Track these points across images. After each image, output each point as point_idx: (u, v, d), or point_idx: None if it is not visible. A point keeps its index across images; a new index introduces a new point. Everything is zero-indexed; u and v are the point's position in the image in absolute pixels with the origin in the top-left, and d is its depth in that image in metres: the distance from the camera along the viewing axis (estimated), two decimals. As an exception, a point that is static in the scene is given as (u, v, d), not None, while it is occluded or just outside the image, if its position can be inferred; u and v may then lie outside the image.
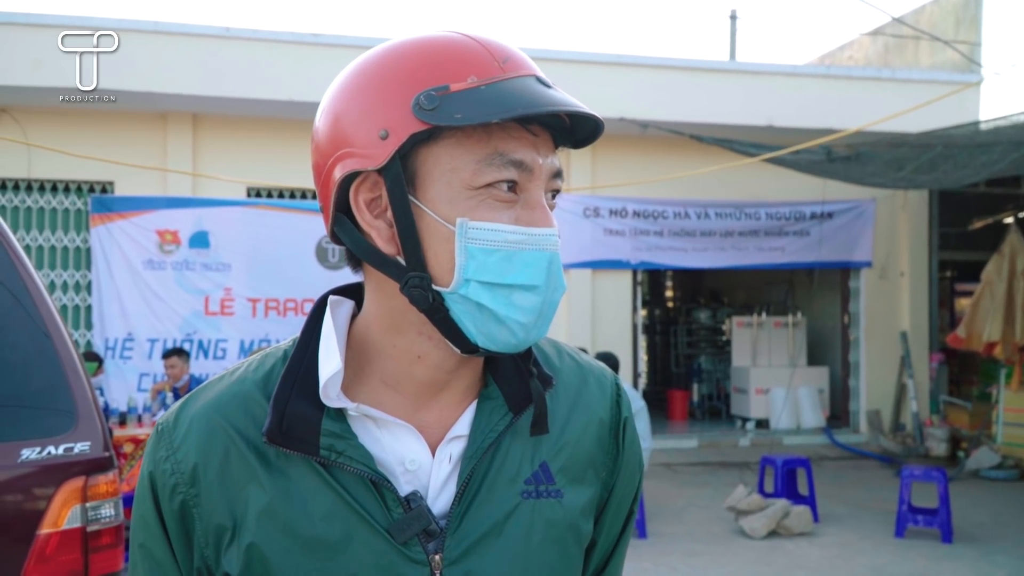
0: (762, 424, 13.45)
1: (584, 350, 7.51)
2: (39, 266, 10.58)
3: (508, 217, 1.00)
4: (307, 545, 1.03)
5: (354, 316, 1.13)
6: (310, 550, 1.02)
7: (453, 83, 0.97)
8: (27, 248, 10.47)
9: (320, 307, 1.12)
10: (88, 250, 10.63)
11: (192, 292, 10.49)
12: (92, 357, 8.70)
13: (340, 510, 1.03)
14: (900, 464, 10.71)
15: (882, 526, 8.15)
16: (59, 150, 9.38)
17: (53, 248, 10.76)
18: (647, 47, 80.00)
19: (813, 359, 14.39)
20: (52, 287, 10.64)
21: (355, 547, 1.02)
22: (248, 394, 1.09)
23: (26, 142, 9.63)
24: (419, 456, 1.07)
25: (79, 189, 10.86)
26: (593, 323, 11.96)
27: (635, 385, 12.41)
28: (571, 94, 1.04)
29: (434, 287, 1.00)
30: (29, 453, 2.68)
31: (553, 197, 1.05)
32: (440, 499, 1.07)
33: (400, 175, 1.00)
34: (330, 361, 1.04)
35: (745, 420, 13.73)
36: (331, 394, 1.04)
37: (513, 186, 1.00)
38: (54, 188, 10.78)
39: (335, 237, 1.09)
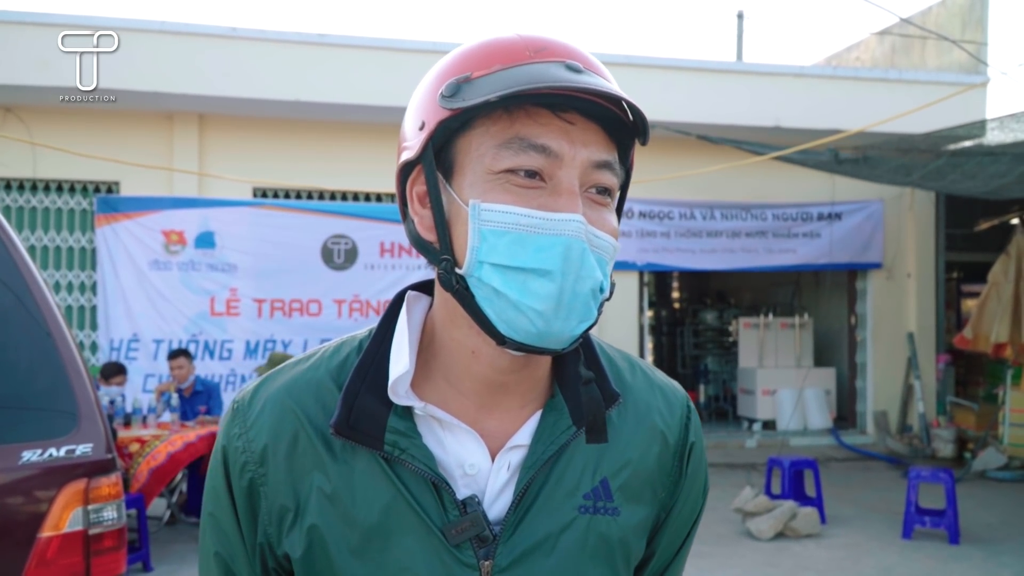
0: (769, 425, 13.41)
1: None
2: (44, 266, 10.58)
3: (532, 202, 0.99)
4: (364, 535, 1.05)
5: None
6: (367, 540, 1.05)
7: (476, 71, 1.00)
8: (32, 248, 10.48)
9: (398, 302, 1.15)
10: (93, 250, 10.63)
11: (198, 293, 10.48)
12: (117, 369, 8.68)
13: (398, 505, 1.05)
14: (907, 465, 10.67)
15: (889, 527, 8.12)
16: (65, 149, 9.39)
17: (58, 248, 10.76)
18: (654, 47, 79.98)
19: (820, 360, 14.36)
20: (57, 287, 10.64)
21: (409, 543, 1.05)
22: (321, 382, 1.11)
23: (31, 141, 9.64)
24: (479, 461, 1.08)
25: (84, 189, 10.86)
26: (600, 324, 11.80)
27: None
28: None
29: (456, 271, 1.01)
30: (30, 455, 2.67)
31: (599, 192, 1.03)
32: (496, 506, 1.08)
33: (432, 162, 1.03)
34: (400, 359, 1.07)
35: (752, 421, 13.70)
36: (399, 391, 1.06)
37: (537, 173, 0.99)
38: (59, 188, 10.79)
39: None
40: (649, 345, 15.88)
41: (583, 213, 0.99)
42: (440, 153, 1.03)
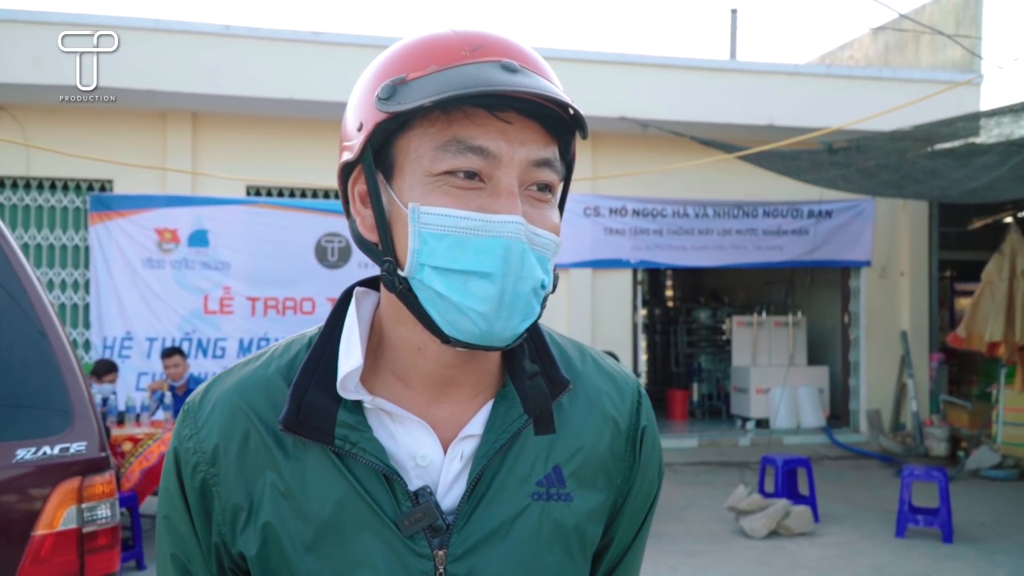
0: (762, 424, 13.43)
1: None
2: (37, 264, 10.55)
3: (471, 204, 0.99)
4: (318, 530, 1.05)
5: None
6: (321, 535, 1.05)
7: (411, 72, 1.00)
8: (25, 247, 10.45)
9: (346, 297, 1.15)
10: (87, 249, 10.61)
11: (191, 291, 10.48)
12: (109, 367, 8.66)
13: (351, 499, 1.05)
14: (900, 464, 10.70)
15: (883, 526, 8.14)
16: (57, 151, 9.36)
17: (52, 246, 10.73)
18: (647, 46, 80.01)
19: (813, 359, 14.38)
20: (51, 286, 10.61)
21: (363, 536, 1.05)
22: (271, 380, 1.12)
23: (25, 143, 9.61)
24: (430, 452, 1.08)
25: (78, 187, 10.83)
26: (593, 322, 11.96)
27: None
28: (570, 92, 1.02)
29: (399, 273, 1.02)
30: (24, 453, 2.66)
31: (539, 190, 1.03)
32: (449, 496, 1.08)
33: (372, 164, 1.03)
34: (350, 354, 1.07)
35: (745, 420, 13.72)
36: (349, 386, 1.07)
37: (476, 174, 0.99)
38: (53, 186, 10.75)
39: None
40: (643, 343, 15.91)
41: (524, 212, 1.00)
42: (380, 153, 1.04)
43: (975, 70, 12.08)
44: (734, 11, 18.19)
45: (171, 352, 8.76)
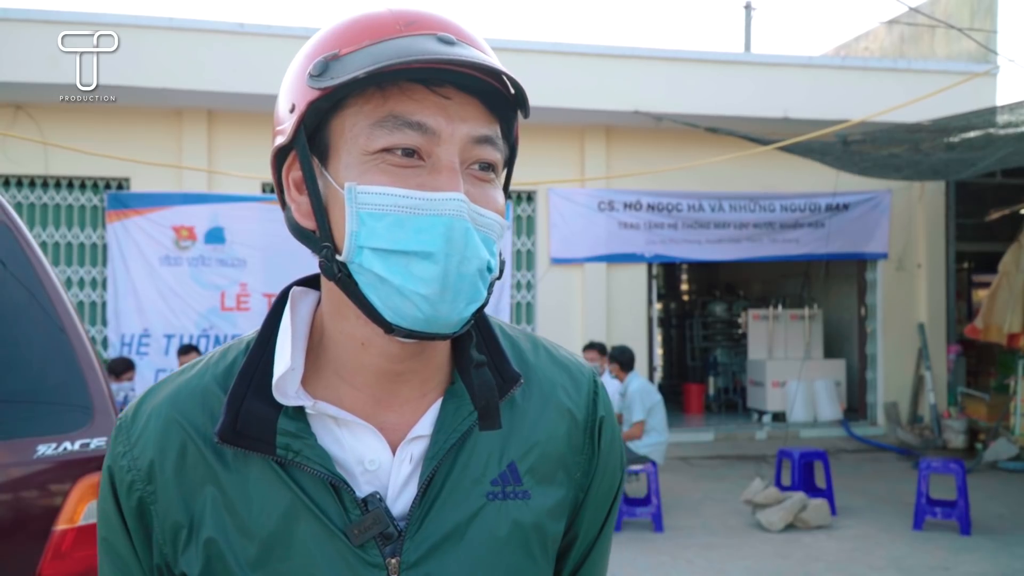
0: (779, 417, 13.40)
1: (600, 344, 7.46)
2: (55, 262, 10.62)
3: (410, 182, 0.94)
4: (264, 544, 1.00)
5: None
6: (267, 550, 1.00)
7: (344, 48, 0.96)
8: (43, 244, 10.51)
9: (283, 298, 1.10)
10: (104, 246, 10.68)
11: (208, 288, 10.53)
12: (127, 365, 8.72)
13: (297, 510, 1.00)
14: (918, 456, 10.65)
15: (900, 518, 8.11)
16: (74, 149, 9.41)
17: (69, 244, 10.80)
18: (661, 39, 79.77)
19: (830, 352, 14.34)
20: (68, 283, 10.68)
21: (311, 548, 1.00)
22: (207, 388, 1.06)
23: (43, 141, 9.67)
24: (379, 456, 1.03)
25: (95, 186, 10.90)
26: (608, 317, 11.95)
27: (650, 379, 12.38)
28: (584, 86, 1.02)
29: (338, 258, 0.97)
30: (45, 449, 2.69)
31: (481, 169, 0.99)
32: (400, 500, 1.04)
33: (305, 146, 0.98)
34: (283, 358, 1.02)
35: (762, 413, 13.69)
36: (288, 392, 1.01)
37: (415, 152, 0.95)
38: (70, 185, 10.82)
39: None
40: (658, 338, 15.89)
41: (466, 191, 0.95)
42: (314, 136, 0.99)
43: (991, 60, 12.00)
44: (748, 6, 18.13)
45: (187, 349, 8.82)
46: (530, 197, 11.97)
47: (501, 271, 1.03)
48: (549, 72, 10.74)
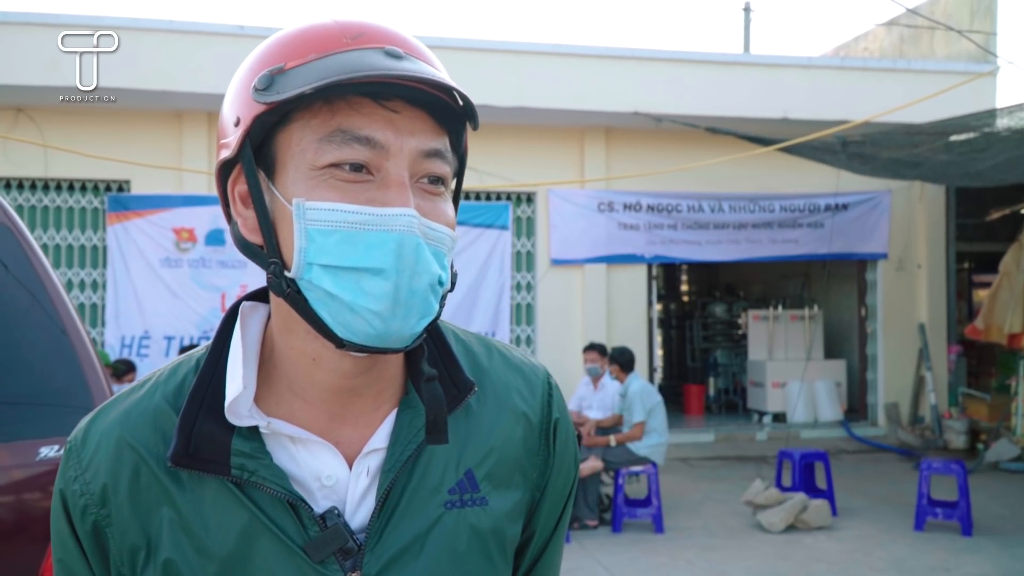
0: (779, 418, 13.40)
1: (600, 345, 7.45)
2: (56, 265, 10.63)
3: (359, 198, 0.94)
4: (223, 565, 0.99)
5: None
6: (226, 569, 0.99)
7: (290, 61, 0.95)
8: (44, 247, 10.52)
9: (232, 314, 1.08)
10: (105, 248, 10.69)
11: (209, 289, 10.53)
12: (128, 367, 8.75)
13: (255, 529, 1.00)
14: (919, 457, 10.65)
15: (901, 519, 8.11)
16: (75, 151, 9.42)
17: (70, 247, 10.81)
18: (661, 40, 79.83)
19: (830, 352, 14.34)
20: (69, 285, 10.69)
21: (271, 566, 0.99)
22: (158, 409, 1.05)
23: (43, 144, 9.68)
24: (335, 471, 1.03)
25: (95, 188, 10.91)
26: (608, 318, 11.95)
27: (650, 380, 12.38)
28: (584, 87, 1.02)
29: (286, 274, 0.96)
30: (47, 451, 2.69)
31: (431, 182, 0.99)
32: (359, 514, 1.03)
33: (251, 160, 0.97)
34: (235, 379, 1.01)
35: (762, 414, 13.69)
36: (241, 411, 1.00)
37: (363, 167, 0.94)
38: (70, 187, 10.84)
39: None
40: (658, 339, 15.90)
41: (416, 205, 0.95)
42: (260, 149, 0.98)
43: (991, 61, 12.00)
44: (747, 7, 18.14)
45: (187, 350, 8.84)
46: (530, 198, 11.97)
47: (453, 284, 1.02)
48: (548, 73, 10.75)
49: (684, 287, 19.33)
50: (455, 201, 1.05)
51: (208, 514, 1.00)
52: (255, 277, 10.58)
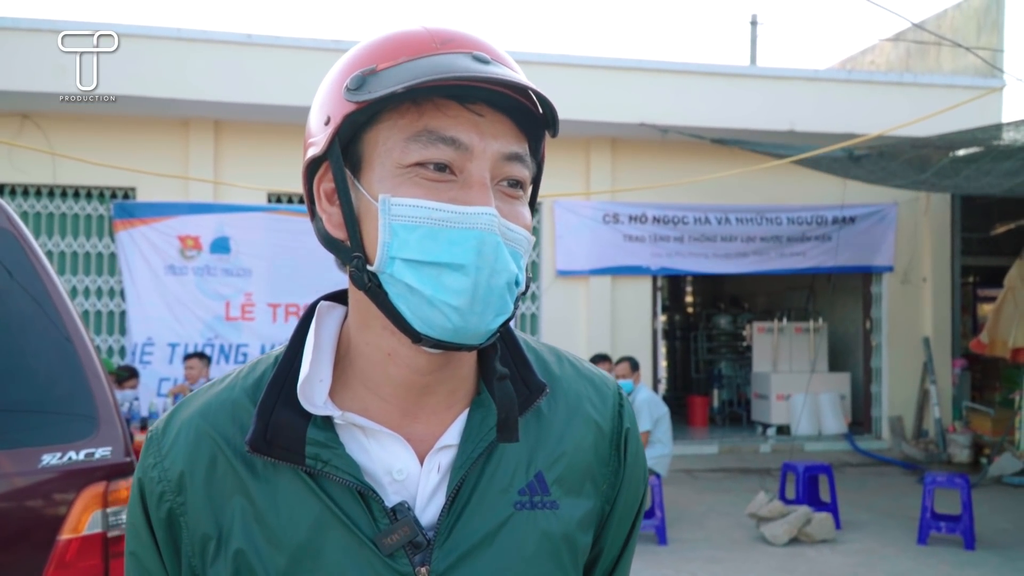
0: (783, 430, 13.37)
1: (606, 356, 7.46)
2: (62, 272, 10.65)
3: (443, 196, 0.96)
4: (293, 555, 1.01)
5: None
6: (296, 560, 1.01)
7: (381, 63, 0.98)
8: (50, 254, 10.54)
9: (310, 313, 1.11)
10: (112, 255, 10.71)
11: (213, 297, 10.55)
12: (131, 373, 8.77)
13: (326, 520, 1.01)
14: (923, 471, 10.62)
15: (904, 533, 8.09)
16: (81, 159, 9.44)
17: (76, 254, 10.83)
18: (667, 52, 79.99)
19: (835, 365, 14.31)
20: (75, 292, 10.70)
21: (341, 558, 1.01)
22: (237, 401, 1.08)
23: (50, 151, 9.70)
24: (407, 466, 1.05)
25: (102, 195, 10.93)
26: (613, 329, 11.94)
27: (655, 391, 12.36)
28: (591, 99, 1.03)
29: (368, 268, 0.99)
30: (50, 458, 2.69)
31: (511, 185, 1.01)
32: (429, 510, 1.04)
33: (339, 158, 1.01)
34: (309, 366, 1.04)
35: (766, 426, 13.66)
36: (317, 402, 1.03)
37: (447, 167, 0.97)
38: (77, 194, 10.86)
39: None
40: (663, 350, 15.88)
41: (495, 206, 0.97)
42: (347, 148, 1.01)
43: (997, 76, 12.00)
44: (753, 20, 18.16)
45: (190, 356, 8.87)
46: (535, 209, 11.96)
47: (528, 286, 1.05)
48: (555, 84, 10.74)
49: (689, 298, 19.32)
50: (531, 205, 1.08)
51: (281, 504, 1.02)
52: (260, 285, 10.60)
